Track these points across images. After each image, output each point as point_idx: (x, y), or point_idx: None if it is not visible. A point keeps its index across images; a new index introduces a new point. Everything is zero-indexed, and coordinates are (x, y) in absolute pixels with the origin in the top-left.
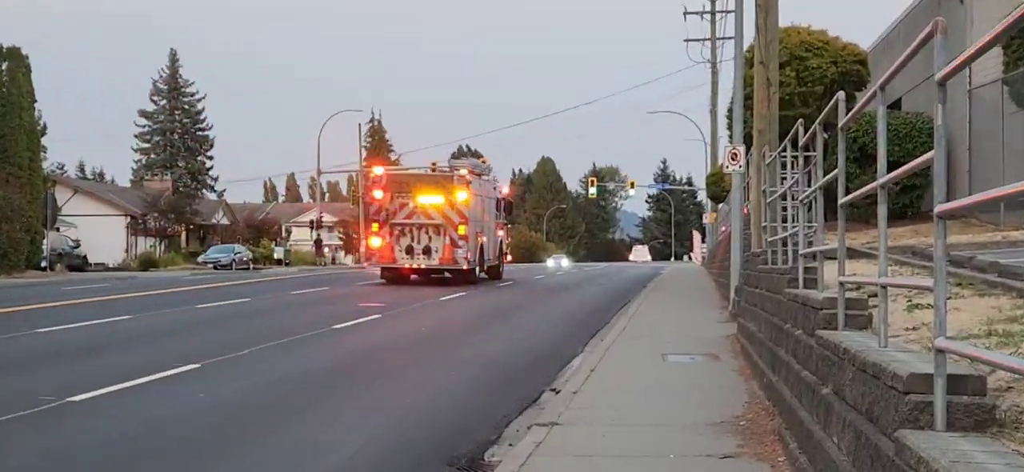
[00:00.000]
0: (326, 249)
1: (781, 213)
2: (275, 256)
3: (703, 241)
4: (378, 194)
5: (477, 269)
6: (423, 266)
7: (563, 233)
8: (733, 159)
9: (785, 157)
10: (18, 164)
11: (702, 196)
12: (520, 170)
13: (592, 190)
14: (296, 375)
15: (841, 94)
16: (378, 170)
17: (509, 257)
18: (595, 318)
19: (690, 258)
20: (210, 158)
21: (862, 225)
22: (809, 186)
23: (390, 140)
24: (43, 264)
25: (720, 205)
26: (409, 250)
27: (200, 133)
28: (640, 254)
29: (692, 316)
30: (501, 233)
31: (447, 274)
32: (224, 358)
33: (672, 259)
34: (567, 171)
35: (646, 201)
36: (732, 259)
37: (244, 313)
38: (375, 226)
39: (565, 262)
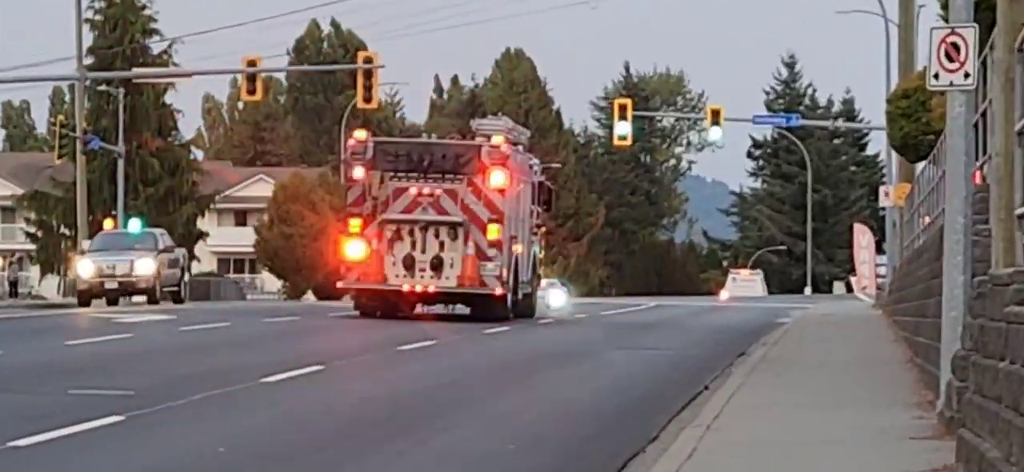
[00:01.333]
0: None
1: None
2: None
3: (879, 249)
4: (359, 172)
5: (510, 297)
6: (431, 289)
7: (556, 228)
8: (950, 58)
9: None
10: None
11: (877, 144)
12: (455, 80)
13: (622, 127)
14: None
15: None
16: (360, 134)
17: (543, 280)
18: (632, 424)
19: (850, 287)
20: None
21: None
22: None
23: (151, 7)
24: None
25: (919, 167)
26: (409, 263)
27: None
28: (743, 286)
29: (848, 423)
30: (535, 240)
31: (460, 305)
32: None
33: (807, 290)
34: (564, 84)
35: (749, 155)
36: (945, 291)
37: None
38: (355, 224)
39: (559, 297)
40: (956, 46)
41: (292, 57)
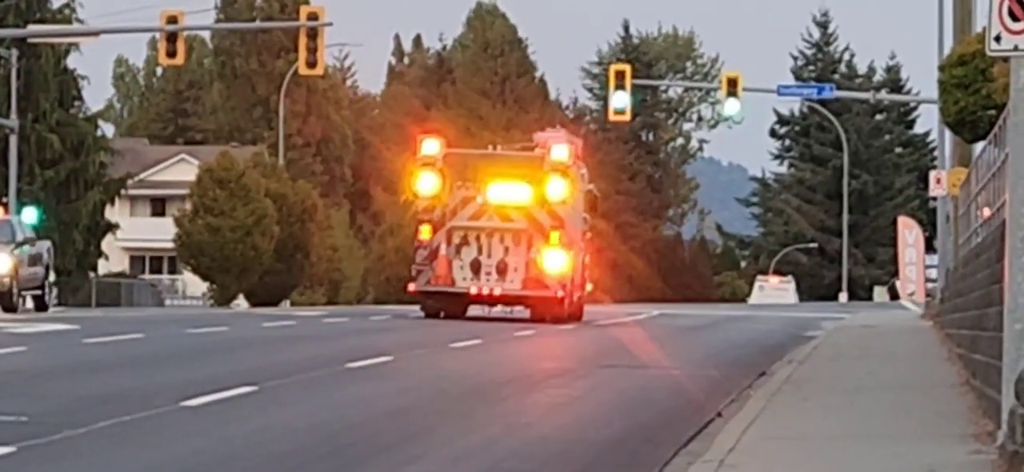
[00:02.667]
0: None
1: None
2: None
3: (930, 248)
4: (430, 181)
5: (566, 302)
6: (496, 292)
7: None
8: (1014, 17)
9: None
10: None
11: (928, 121)
12: (418, 41)
13: (619, 99)
14: None
15: None
16: (430, 145)
17: (591, 286)
18: (627, 458)
19: (894, 293)
20: None
21: None
22: None
23: None
24: None
25: (978, 148)
26: (475, 267)
27: None
28: (773, 296)
29: (889, 460)
30: (585, 247)
31: (520, 307)
32: None
33: (842, 297)
34: (549, 47)
35: (773, 133)
36: (1008, 300)
37: None
38: (425, 230)
39: None
40: (1022, 3)
41: (220, 13)
